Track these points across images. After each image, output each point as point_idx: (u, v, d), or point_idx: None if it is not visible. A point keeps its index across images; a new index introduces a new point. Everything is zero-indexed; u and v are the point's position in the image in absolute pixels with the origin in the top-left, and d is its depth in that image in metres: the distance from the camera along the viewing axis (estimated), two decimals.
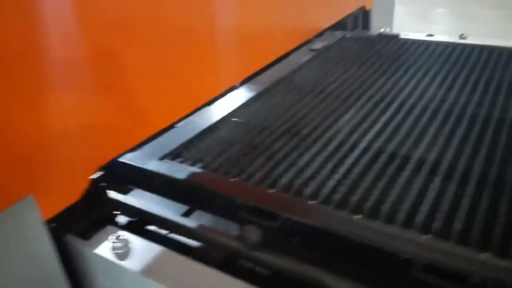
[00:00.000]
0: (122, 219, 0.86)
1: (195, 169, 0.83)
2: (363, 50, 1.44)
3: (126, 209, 0.85)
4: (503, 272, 0.53)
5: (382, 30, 1.66)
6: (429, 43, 1.46)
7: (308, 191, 0.73)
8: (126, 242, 0.74)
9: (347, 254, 0.64)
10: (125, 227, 0.83)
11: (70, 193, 0.75)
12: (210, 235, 0.75)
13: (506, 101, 1.01)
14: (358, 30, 2.04)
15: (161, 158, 0.87)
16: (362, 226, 0.65)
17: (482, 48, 1.35)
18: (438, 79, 1.17)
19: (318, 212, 0.69)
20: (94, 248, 0.74)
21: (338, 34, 1.60)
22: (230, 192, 0.75)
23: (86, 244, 0.76)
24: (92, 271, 0.78)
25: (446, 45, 1.41)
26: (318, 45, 1.47)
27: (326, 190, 0.74)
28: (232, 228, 0.74)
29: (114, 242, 0.73)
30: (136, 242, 0.75)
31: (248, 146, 0.90)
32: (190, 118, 1.03)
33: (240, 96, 1.13)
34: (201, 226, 0.76)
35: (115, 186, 0.98)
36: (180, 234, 0.80)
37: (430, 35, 1.55)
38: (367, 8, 2.08)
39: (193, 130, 0.97)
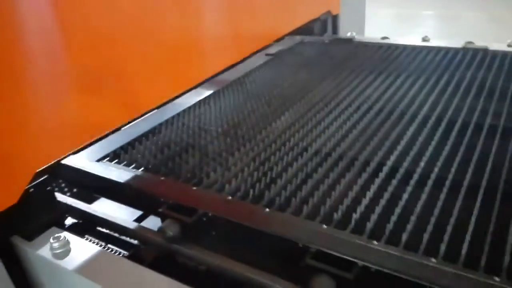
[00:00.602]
0: (69, 221, 0.90)
1: (128, 169, 0.87)
2: (315, 54, 1.49)
3: (72, 211, 0.89)
4: None
5: (348, 34, 1.71)
6: (381, 46, 1.51)
7: (230, 188, 0.78)
8: (65, 243, 0.76)
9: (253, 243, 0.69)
10: (71, 228, 0.86)
11: (9, 194, 0.78)
12: (137, 231, 0.79)
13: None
14: (326, 35, 2.09)
15: (99, 160, 0.92)
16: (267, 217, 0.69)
17: (439, 50, 1.39)
18: (385, 80, 1.21)
19: (236, 207, 0.73)
20: (36, 249, 0.78)
21: (297, 39, 1.65)
22: (154, 190, 0.79)
23: (29, 245, 0.79)
24: (35, 270, 0.81)
25: (401, 47, 1.46)
26: (273, 49, 1.52)
27: (247, 186, 0.78)
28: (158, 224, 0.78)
29: (53, 243, 0.76)
30: (76, 242, 0.78)
31: (184, 148, 0.94)
32: (137, 121, 1.08)
33: (187, 100, 1.18)
34: (129, 224, 0.81)
35: (63, 189, 1.03)
36: (115, 232, 0.84)
37: (385, 38, 1.60)
38: (334, 13, 2.12)
39: (135, 133, 1.01)
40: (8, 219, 0.75)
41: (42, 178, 0.83)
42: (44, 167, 0.85)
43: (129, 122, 1.07)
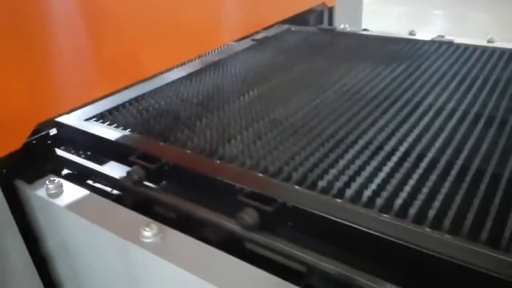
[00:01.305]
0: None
1: (109, 127, 1.03)
2: (298, 42, 1.62)
3: (68, 163, 1.04)
4: None
5: (341, 26, 1.82)
6: (360, 36, 1.63)
7: (192, 145, 0.93)
8: (59, 185, 0.90)
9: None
10: (66, 177, 1.00)
11: (13, 141, 0.89)
12: (112, 178, 0.94)
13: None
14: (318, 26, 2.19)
15: (87, 119, 1.07)
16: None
17: (416, 42, 1.51)
18: (350, 64, 1.33)
19: (192, 158, 0.88)
20: (34, 190, 0.91)
21: (285, 27, 1.78)
22: (128, 144, 0.94)
23: (29, 187, 0.93)
24: (32, 208, 0.95)
25: (380, 38, 1.58)
26: (260, 36, 1.66)
27: (205, 143, 0.92)
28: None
29: (48, 184, 0.90)
30: (68, 186, 0.91)
31: (160, 113, 1.09)
32: (128, 89, 1.22)
33: (171, 75, 1.32)
34: (109, 172, 0.96)
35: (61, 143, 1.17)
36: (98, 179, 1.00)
37: (366, 30, 1.72)
38: (329, 5, 2.18)
39: (121, 99, 1.16)
40: (13, 165, 0.90)
41: (43, 132, 0.97)
42: (44, 120, 0.98)
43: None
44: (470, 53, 1.37)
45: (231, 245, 0.75)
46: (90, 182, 1.02)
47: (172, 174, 0.89)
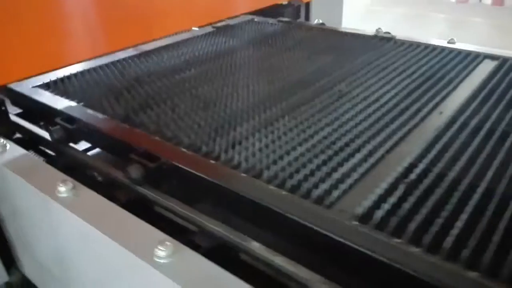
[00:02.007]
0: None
1: (47, 93, 1.14)
2: (252, 31, 1.72)
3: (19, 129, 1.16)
4: None
5: (315, 21, 1.89)
6: (311, 28, 1.72)
7: (114, 112, 1.04)
8: (3, 145, 1.02)
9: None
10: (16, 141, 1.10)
11: None
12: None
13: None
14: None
15: (34, 86, 1.19)
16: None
17: (359, 36, 1.60)
18: (298, 55, 1.43)
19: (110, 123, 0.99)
20: None
21: (248, 17, 1.88)
22: (51, 105, 1.06)
23: None
24: None
25: (331, 31, 1.67)
26: (221, 24, 1.76)
27: (127, 111, 1.04)
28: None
29: None
30: (12, 147, 1.02)
31: (96, 84, 1.21)
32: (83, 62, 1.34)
33: (125, 54, 1.44)
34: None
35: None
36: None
37: (322, 24, 1.81)
38: (305, 0, 2.26)
39: (72, 71, 1.28)
40: None
41: None
42: None
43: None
44: (408, 48, 1.45)
45: (122, 196, 0.86)
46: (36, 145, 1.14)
47: (86, 134, 1.00)
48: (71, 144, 1.03)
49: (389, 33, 1.61)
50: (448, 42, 1.49)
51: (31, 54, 1.11)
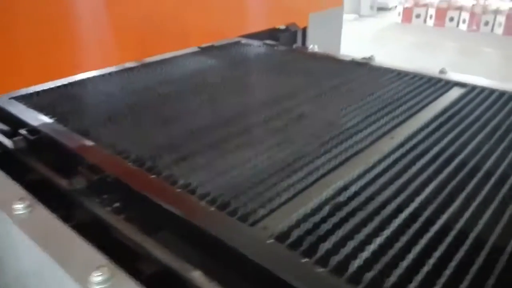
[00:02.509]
0: None
1: (22, 106, 1.20)
2: (235, 53, 1.76)
3: None
4: None
5: (310, 46, 1.90)
6: (291, 51, 1.76)
7: (71, 124, 1.08)
8: None
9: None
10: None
11: None
12: None
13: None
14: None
15: (13, 98, 1.25)
16: None
17: (340, 61, 1.63)
18: (262, 77, 1.46)
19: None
20: None
21: (236, 40, 1.93)
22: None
23: None
24: None
25: (311, 55, 1.71)
26: (207, 45, 1.81)
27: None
28: None
29: None
30: None
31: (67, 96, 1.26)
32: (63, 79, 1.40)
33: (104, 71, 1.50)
34: None
35: None
36: None
37: (315, 49, 1.82)
38: (300, 26, 2.24)
39: (51, 85, 1.34)
40: None
41: None
42: None
43: None
44: (381, 73, 1.46)
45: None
46: None
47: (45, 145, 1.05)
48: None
49: (368, 58, 1.63)
50: (440, 72, 1.45)
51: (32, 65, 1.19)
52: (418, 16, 6.26)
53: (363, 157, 0.94)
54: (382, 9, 7.43)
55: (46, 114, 1.15)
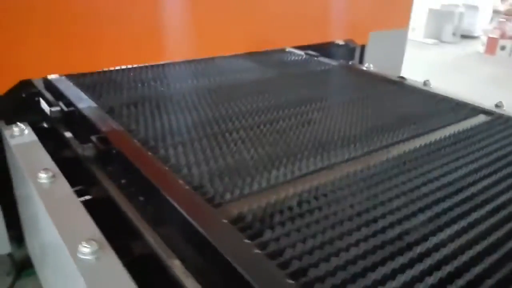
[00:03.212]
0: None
1: (69, 83, 1.38)
2: (276, 60, 1.85)
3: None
4: None
5: (366, 64, 1.93)
6: (328, 64, 1.79)
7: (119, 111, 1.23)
8: (22, 129, 1.17)
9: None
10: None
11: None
12: None
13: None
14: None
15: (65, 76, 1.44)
16: None
17: (375, 76, 1.65)
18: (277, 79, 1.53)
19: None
20: (6, 129, 1.17)
21: (287, 49, 2.02)
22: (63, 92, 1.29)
23: (5, 126, 1.19)
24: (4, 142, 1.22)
25: (347, 70, 1.74)
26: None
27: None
28: None
29: (15, 127, 1.16)
30: (29, 133, 1.18)
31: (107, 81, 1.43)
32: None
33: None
34: None
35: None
36: None
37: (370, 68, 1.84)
38: (359, 43, 2.17)
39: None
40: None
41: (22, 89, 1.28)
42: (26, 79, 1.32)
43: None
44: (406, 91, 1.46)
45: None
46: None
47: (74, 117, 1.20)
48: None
49: (403, 77, 1.63)
50: (496, 106, 1.40)
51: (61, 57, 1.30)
52: (503, 48, 5.87)
53: (348, 166, 0.97)
54: (466, 36, 7.06)
55: (85, 92, 1.31)
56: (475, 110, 1.34)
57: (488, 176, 0.96)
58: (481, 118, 1.31)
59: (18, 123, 1.16)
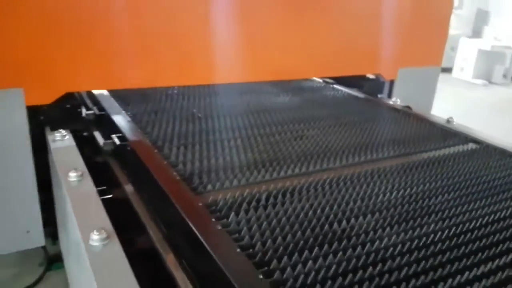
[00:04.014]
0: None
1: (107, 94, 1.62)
2: (300, 88, 2.03)
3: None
4: None
5: (393, 99, 2.00)
6: (341, 91, 1.93)
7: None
8: (64, 135, 1.37)
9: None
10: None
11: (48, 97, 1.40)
12: None
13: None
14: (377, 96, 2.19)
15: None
16: None
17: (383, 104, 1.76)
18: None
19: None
20: (51, 135, 1.36)
21: (314, 79, 2.20)
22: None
23: (50, 132, 1.41)
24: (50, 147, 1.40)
25: (360, 100, 1.88)
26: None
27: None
28: None
29: (57, 133, 1.37)
30: (69, 138, 1.36)
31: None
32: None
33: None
34: None
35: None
36: None
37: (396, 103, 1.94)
38: (387, 78, 2.19)
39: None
40: (46, 115, 1.42)
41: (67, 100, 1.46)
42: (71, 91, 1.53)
43: None
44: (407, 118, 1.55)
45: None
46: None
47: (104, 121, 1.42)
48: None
49: (409, 107, 1.73)
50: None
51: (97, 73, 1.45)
52: None
53: (325, 174, 1.10)
54: None
55: (116, 101, 1.54)
56: None
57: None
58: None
59: (60, 129, 1.34)
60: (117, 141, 1.21)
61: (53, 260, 1.69)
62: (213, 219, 0.86)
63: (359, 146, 1.28)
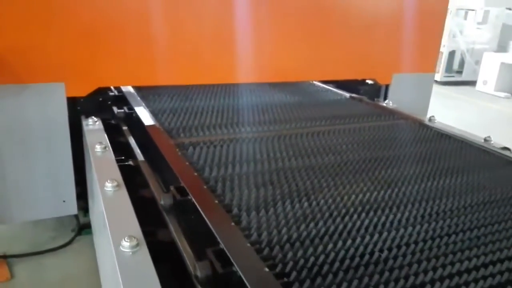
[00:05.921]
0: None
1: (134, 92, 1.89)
2: (299, 90, 2.27)
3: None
4: None
5: (386, 101, 2.23)
6: (335, 94, 2.14)
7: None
8: (95, 121, 1.66)
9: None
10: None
11: (83, 90, 1.68)
12: None
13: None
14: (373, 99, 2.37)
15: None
16: None
17: (375, 105, 1.96)
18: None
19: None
20: (85, 121, 1.67)
21: (313, 82, 2.45)
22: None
23: (84, 118, 1.70)
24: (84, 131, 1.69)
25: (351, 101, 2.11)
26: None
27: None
28: None
29: (89, 119, 1.66)
30: (99, 124, 1.65)
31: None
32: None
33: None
34: None
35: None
36: None
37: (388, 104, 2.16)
38: (381, 83, 2.38)
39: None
40: (82, 106, 1.72)
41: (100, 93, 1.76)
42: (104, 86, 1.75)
43: None
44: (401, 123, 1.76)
45: None
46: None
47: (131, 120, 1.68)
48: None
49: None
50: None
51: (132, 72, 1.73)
52: None
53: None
54: None
55: (142, 99, 1.81)
56: None
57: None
58: None
59: (93, 116, 1.64)
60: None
61: (83, 227, 2.00)
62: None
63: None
